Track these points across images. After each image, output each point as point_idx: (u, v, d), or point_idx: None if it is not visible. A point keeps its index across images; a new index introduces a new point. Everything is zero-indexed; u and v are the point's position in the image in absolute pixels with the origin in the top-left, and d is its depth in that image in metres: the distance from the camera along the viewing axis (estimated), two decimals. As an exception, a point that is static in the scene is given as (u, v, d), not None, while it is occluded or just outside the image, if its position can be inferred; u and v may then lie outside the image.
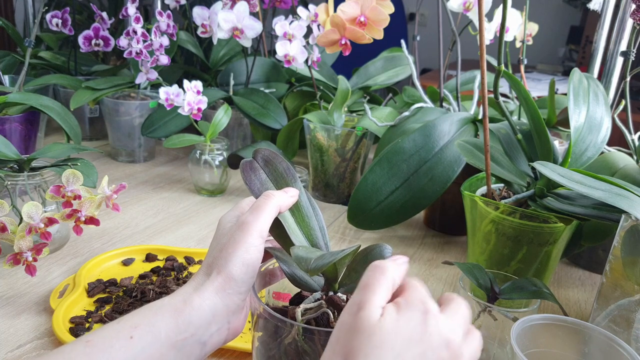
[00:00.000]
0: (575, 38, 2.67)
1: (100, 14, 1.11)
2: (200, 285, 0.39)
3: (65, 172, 0.61)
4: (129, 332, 0.36)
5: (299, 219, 0.44)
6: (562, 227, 0.60)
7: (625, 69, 0.76)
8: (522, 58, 0.99)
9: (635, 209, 0.49)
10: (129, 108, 1.06)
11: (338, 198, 0.98)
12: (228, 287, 0.39)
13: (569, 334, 0.48)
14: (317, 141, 0.94)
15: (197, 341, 0.38)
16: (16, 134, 0.90)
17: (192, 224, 0.85)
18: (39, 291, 0.63)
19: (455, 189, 0.74)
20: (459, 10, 0.94)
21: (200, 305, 0.38)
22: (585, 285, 0.76)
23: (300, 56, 0.96)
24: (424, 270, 0.76)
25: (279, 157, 0.46)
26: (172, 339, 0.37)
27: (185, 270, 0.69)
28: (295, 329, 0.37)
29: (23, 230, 0.58)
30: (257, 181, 0.44)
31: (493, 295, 0.54)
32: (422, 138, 0.80)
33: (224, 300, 0.39)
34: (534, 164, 0.57)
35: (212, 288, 0.39)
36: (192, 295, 0.39)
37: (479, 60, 0.60)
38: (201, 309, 0.38)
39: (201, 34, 1.01)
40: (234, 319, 0.40)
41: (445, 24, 0.97)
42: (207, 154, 0.93)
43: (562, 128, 0.91)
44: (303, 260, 0.36)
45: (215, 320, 0.39)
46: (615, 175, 0.70)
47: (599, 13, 1.03)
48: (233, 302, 0.39)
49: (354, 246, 0.38)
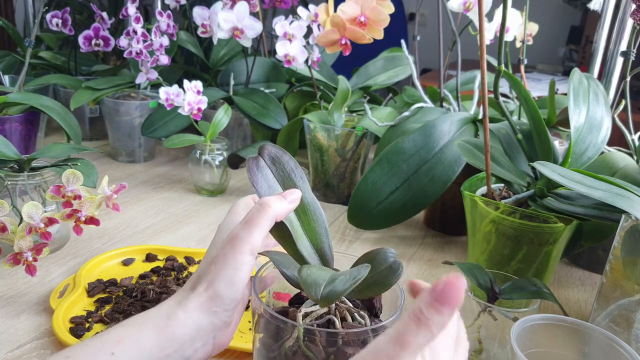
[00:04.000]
0: (575, 38, 2.67)
1: (100, 14, 1.11)
2: (185, 299, 0.38)
3: (65, 172, 0.61)
4: (110, 348, 0.35)
5: (304, 223, 0.43)
6: (562, 227, 0.60)
7: (625, 69, 0.76)
8: (522, 58, 0.99)
9: (635, 209, 0.49)
10: (129, 108, 1.06)
11: (338, 198, 0.99)
12: (214, 305, 0.38)
13: (569, 334, 0.48)
14: (317, 141, 0.94)
15: (181, 356, 0.37)
16: (16, 134, 0.90)
17: (192, 224, 0.85)
18: (39, 291, 0.63)
19: (455, 189, 0.74)
20: (459, 10, 0.94)
21: (185, 321, 0.37)
22: (585, 285, 0.76)
23: (300, 56, 0.96)
24: (424, 270, 0.76)
25: (286, 155, 0.44)
26: (155, 355, 0.36)
27: (185, 270, 0.69)
28: (297, 331, 0.37)
29: (23, 230, 0.58)
30: (264, 182, 0.42)
31: (493, 295, 0.54)
32: (422, 138, 0.80)
33: (209, 317, 0.38)
34: (534, 164, 0.57)
35: (196, 303, 0.38)
36: (176, 310, 0.38)
37: (479, 60, 0.60)
38: (185, 325, 0.37)
39: (201, 34, 1.01)
40: (220, 334, 0.39)
41: (445, 24, 0.97)
42: (207, 154, 0.93)
43: (562, 128, 0.91)
44: (312, 287, 0.34)
45: (199, 336, 0.38)
46: (615, 175, 0.70)
47: (599, 13, 1.03)
48: (219, 319, 0.38)
49: (365, 269, 0.36)
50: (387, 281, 0.38)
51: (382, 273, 0.39)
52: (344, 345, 0.37)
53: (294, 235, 0.40)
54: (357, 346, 0.37)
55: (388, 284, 0.38)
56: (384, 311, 0.43)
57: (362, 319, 0.40)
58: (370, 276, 0.38)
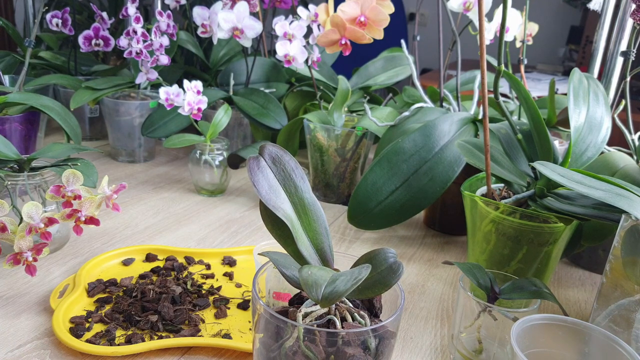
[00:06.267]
0: (575, 38, 2.67)
1: (100, 14, 1.11)
2: None
3: (65, 172, 0.61)
4: None
5: (304, 223, 0.43)
6: (562, 227, 0.60)
7: (625, 69, 0.76)
8: (522, 58, 0.99)
9: (635, 209, 0.49)
10: (129, 108, 1.06)
11: (338, 198, 0.99)
12: None
13: (569, 334, 0.48)
14: (317, 141, 0.95)
15: None
16: (16, 134, 0.90)
17: (192, 224, 0.85)
18: (39, 291, 0.63)
19: (455, 189, 0.74)
20: (459, 10, 0.94)
21: None
22: (585, 285, 0.76)
23: (300, 56, 0.96)
24: (424, 270, 0.76)
25: (286, 155, 0.44)
26: None
27: (185, 270, 0.69)
28: (297, 331, 0.37)
29: (23, 230, 0.58)
30: (265, 182, 0.42)
31: (493, 295, 0.54)
32: (422, 138, 0.80)
33: None
34: (534, 164, 0.57)
35: None
36: None
37: (479, 60, 0.60)
38: None
39: (201, 34, 1.01)
40: None
41: (445, 24, 0.97)
42: (207, 154, 0.93)
43: (562, 128, 0.91)
44: (313, 287, 0.34)
45: None
46: (615, 175, 0.70)
47: (599, 13, 1.03)
48: None
49: (365, 270, 0.36)
50: (387, 281, 0.38)
51: (382, 273, 0.39)
52: (344, 345, 0.37)
53: (294, 235, 0.40)
54: (357, 346, 0.37)
55: (388, 284, 0.38)
56: (384, 311, 0.43)
57: (362, 319, 0.40)
58: (371, 276, 0.39)
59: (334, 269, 0.41)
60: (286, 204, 0.42)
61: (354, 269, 0.37)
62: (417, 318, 0.65)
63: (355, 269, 0.37)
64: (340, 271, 0.38)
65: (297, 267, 0.41)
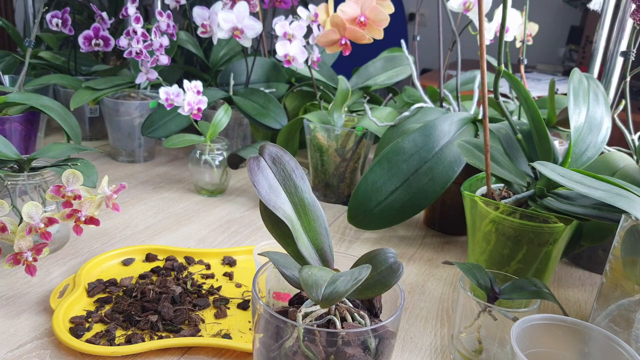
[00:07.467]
0: (575, 38, 2.67)
1: (100, 14, 1.11)
2: None
3: (65, 172, 0.61)
4: None
5: (305, 223, 0.43)
6: (562, 227, 0.60)
7: (625, 69, 0.76)
8: (522, 58, 0.99)
9: (635, 209, 0.49)
10: (129, 108, 1.06)
11: (338, 198, 0.99)
12: None
13: (569, 334, 0.48)
14: (317, 141, 0.95)
15: None
16: (16, 134, 0.90)
17: (192, 224, 0.85)
18: (39, 291, 0.63)
19: (455, 189, 0.74)
20: (459, 10, 0.94)
21: None
22: (585, 285, 0.76)
23: (300, 56, 0.96)
24: (424, 270, 0.76)
25: (286, 155, 0.44)
26: None
27: (185, 270, 0.69)
28: (297, 331, 0.37)
29: (23, 230, 0.58)
30: (265, 182, 0.42)
31: (493, 295, 0.54)
32: (422, 138, 0.80)
33: None
34: (534, 164, 0.57)
35: None
36: None
37: (479, 60, 0.60)
38: None
39: (201, 34, 1.01)
40: None
41: (445, 24, 0.97)
42: (207, 154, 0.93)
43: (562, 128, 0.91)
44: (313, 288, 0.34)
45: None
46: (615, 175, 0.70)
47: (599, 13, 1.03)
48: None
49: (366, 270, 0.36)
50: (387, 281, 0.38)
51: (382, 273, 0.39)
52: (344, 346, 0.37)
53: (294, 235, 0.40)
54: (357, 346, 0.37)
55: (388, 284, 0.38)
56: (384, 311, 0.43)
57: (362, 319, 0.40)
58: (371, 276, 0.39)
59: (334, 269, 0.41)
60: (286, 204, 0.42)
61: (354, 269, 0.37)
62: (417, 318, 0.65)
63: (356, 269, 0.37)
64: (340, 271, 0.38)
65: (297, 267, 0.41)
